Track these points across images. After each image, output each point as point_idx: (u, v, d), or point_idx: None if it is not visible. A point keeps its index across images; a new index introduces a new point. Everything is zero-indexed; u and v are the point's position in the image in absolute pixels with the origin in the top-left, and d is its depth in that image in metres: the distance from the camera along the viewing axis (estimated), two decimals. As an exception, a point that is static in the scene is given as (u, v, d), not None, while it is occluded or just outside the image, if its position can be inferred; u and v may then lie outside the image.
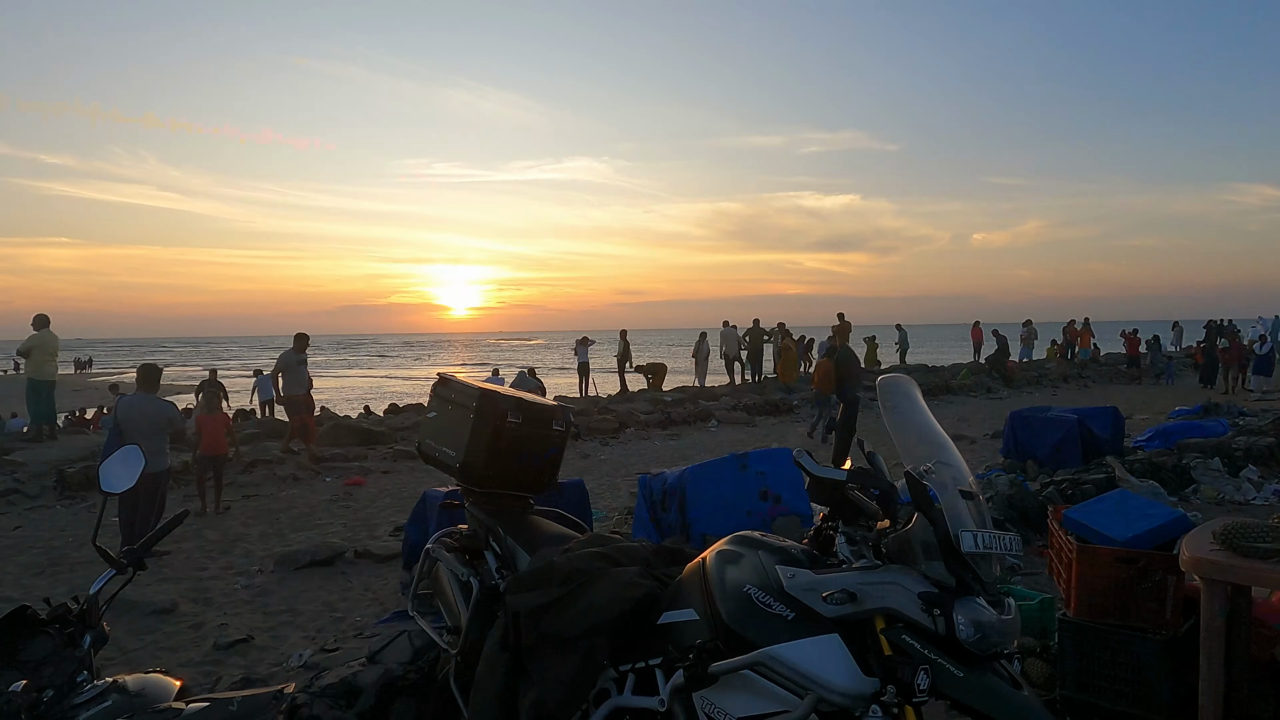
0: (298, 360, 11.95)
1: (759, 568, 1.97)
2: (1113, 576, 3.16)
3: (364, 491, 10.44)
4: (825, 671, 1.72)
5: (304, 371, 11.97)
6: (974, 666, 1.68)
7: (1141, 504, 3.41)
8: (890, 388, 1.96)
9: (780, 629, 1.81)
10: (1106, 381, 24.79)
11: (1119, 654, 3.09)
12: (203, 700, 1.41)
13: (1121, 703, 3.09)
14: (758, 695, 1.80)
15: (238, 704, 1.41)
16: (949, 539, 1.71)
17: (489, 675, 2.38)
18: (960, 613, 1.68)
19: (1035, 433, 9.28)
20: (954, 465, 1.88)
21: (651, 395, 18.66)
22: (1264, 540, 2.70)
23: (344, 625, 5.59)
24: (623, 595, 2.24)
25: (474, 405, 2.90)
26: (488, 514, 2.84)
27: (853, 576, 1.79)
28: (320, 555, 7.01)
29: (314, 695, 3.88)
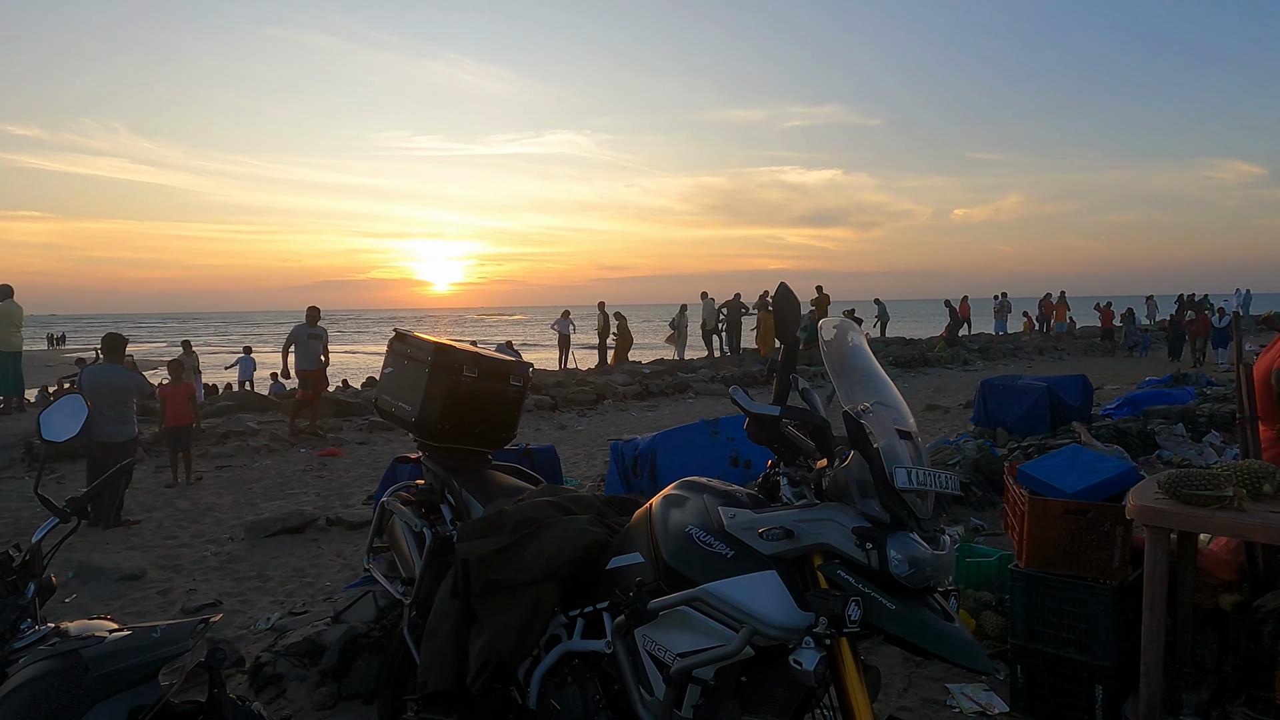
0: (309, 334, 11.56)
1: (702, 510, 1.99)
2: (1063, 528, 3.21)
3: (338, 462, 10.42)
4: (761, 606, 1.74)
5: (316, 346, 11.55)
6: (906, 599, 1.71)
7: (1092, 458, 3.47)
8: (831, 331, 1.98)
9: (719, 566, 1.83)
10: (1080, 354, 25.10)
11: (1067, 603, 3.16)
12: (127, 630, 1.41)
13: (1069, 650, 3.16)
14: (696, 630, 1.82)
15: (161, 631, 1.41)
16: (884, 476, 1.73)
17: (440, 622, 2.39)
18: (893, 547, 1.70)
19: (1005, 401, 9.38)
20: (893, 406, 1.89)
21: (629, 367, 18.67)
22: (1205, 488, 2.75)
23: (313, 590, 5.60)
24: (572, 542, 2.25)
25: (429, 359, 2.90)
26: (443, 468, 2.84)
27: (790, 514, 1.81)
28: (291, 522, 7.00)
29: (278, 654, 3.90)
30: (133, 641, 1.38)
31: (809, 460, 1.89)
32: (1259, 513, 2.68)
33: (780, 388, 1.84)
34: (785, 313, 1.83)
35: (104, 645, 1.38)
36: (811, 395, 1.85)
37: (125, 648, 1.37)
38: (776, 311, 1.83)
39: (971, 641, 1.71)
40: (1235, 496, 2.72)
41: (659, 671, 1.88)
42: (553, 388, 15.20)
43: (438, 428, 2.89)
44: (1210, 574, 3.36)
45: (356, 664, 3.66)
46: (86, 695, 1.26)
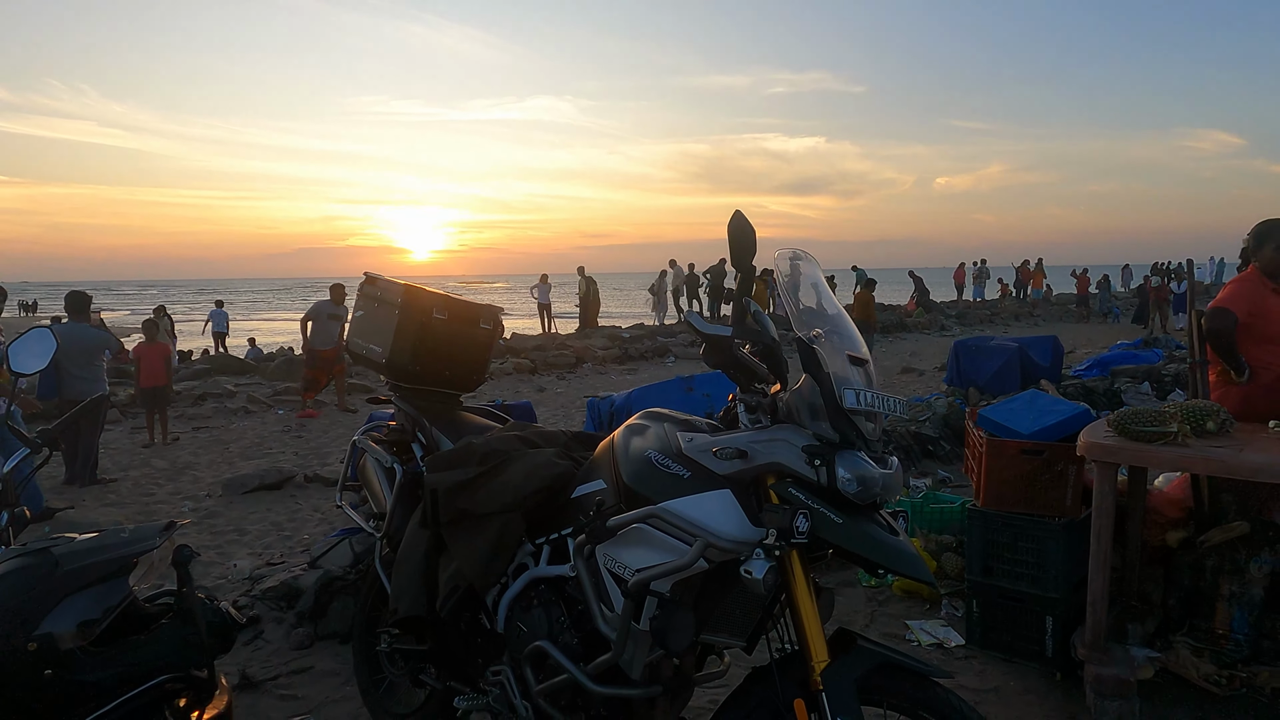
0: (330, 313, 10.80)
1: (661, 436, 2.05)
2: (1019, 468, 3.32)
3: (316, 423, 10.42)
4: (715, 521, 1.81)
5: (334, 327, 10.70)
6: (854, 515, 1.78)
7: (1049, 401, 3.58)
8: (787, 261, 2.03)
9: (675, 486, 1.90)
10: (1056, 320, 25.43)
11: (1021, 539, 3.28)
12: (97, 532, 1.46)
13: (1022, 584, 3.28)
14: (653, 547, 1.89)
15: (130, 531, 1.46)
16: (834, 398, 1.79)
17: (410, 552, 2.45)
18: (841, 465, 1.76)
19: (977, 361, 9.55)
20: (846, 335, 1.95)
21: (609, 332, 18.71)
22: (1151, 425, 2.86)
23: (291, 543, 5.65)
24: (539, 473, 2.31)
25: (399, 301, 2.92)
26: (415, 408, 2.88)
27: (744, 435, 1.87)
28: (269, 479, 7.04)
29: (255, 598, 3.97)
30: (102, 540, 1.43)
31: (764, 386, 1.95)
32: (1201, 448, 2.79)
33: (736, 312, 1.90)
34: (740, 241, 1.88)
35: (74, 544, 1.43)
36: (763, 318, 1.91)
37: (95, 545, 1.42)
38: (731, 240, 1.87)
39: (914, 553, 1.79)
40: (1179, 433, 2.83)
41: (618, 588, 1.95)
42: (532, 351, 15.22)
43: (408, 369, 2.92)
44: (1159, 513, 3.49)
45: (333, 606, 3.74)
46: (57, 588, 1.31)
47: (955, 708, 1.79)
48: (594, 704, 2.14)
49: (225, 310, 20.49)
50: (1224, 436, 2.92)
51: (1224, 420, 2.95)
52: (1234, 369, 3.29)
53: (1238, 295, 3.35)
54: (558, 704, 2.13)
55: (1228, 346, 3.31)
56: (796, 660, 1.84)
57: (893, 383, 12.62)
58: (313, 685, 3.29)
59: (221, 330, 19.91)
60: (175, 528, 1.50)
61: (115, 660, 1.35)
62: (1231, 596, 3.22)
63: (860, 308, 15.06)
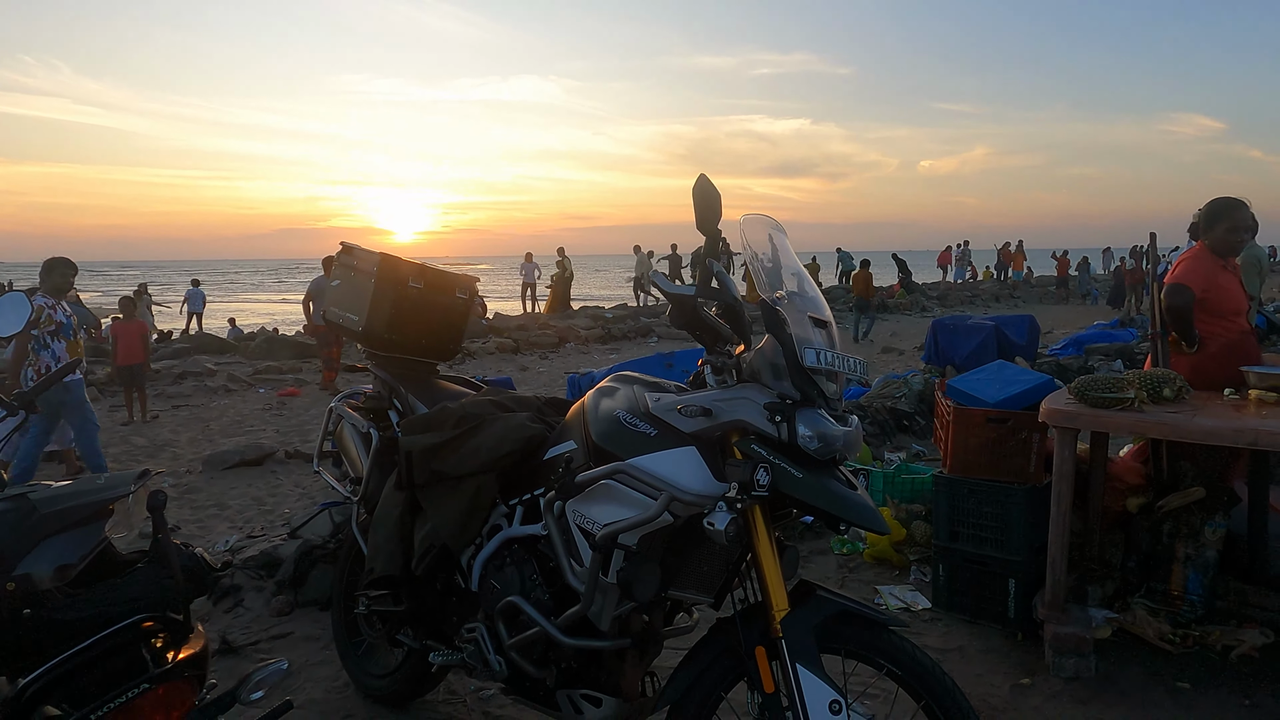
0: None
1: (630, 397, 2.10)
2: (984, 435, 3.41)
3: (298, 401, 10.41)
4: (680, 476, 1.87)
5: None
6: (814, 470, 1.84)
7: (1015, 371, 3.66)
8: (752, 224, 2.07)
9: (642, 443, 1.95)
10: (1036, 301, 25.68)
11: (986, 504, 3.37)
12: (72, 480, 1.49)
13: (987, 548, 3.38)
14: (620, 503, 1.94)
15: (105, 479, 1.50)
16: (795, 356, 1.85)
17: (386, 513, 2.50)
18: (802, 422, 1.82)
19: (954, 339, 9.65)
20: (809, 296, 2.01)
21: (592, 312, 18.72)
22: (1109, 391, 2.94)
23: (272, 518, 5.68)
24: (512, 436, 2.36)
25: (375, 270, 2.95)
26: (391, 375, 2.92)
27: (709, 394, 1.93)
28: (250, 455, 7.05)
29: (235, 568, 4.01)
30: (78, 487, 1.47)
31: (729, 347, 2.01)
32: (1156, 413, 2.88)
33: (702, 275, 1.94)
34: (705, 204, 1.92)
35: (51, 490, 1.46)
36: (726, 279, 1.95)
37: (71, 491, 1.45)
38: (696, 204, 1.92)
39: (872, 507, 1.86)
40: (1136, 399, 2.92)
41: (587, 543, 2.01)
42: (514, 331, 15.23)
43: (384, 337, 2.96)
44: (1120, 480, 3.60)
45: (312, 574, 3.78)
46: (34, 531, 1.35)
47: (910, 654, 1.87)
48: (565, 656, 2.20)
49: (202, 290, 20.49)
50: (1179, 403, 3.01)
51: (1180, 387, 3.04)
52: (1186, 341, 3.39)
53: (1193, 272, 3.44)
54: (530, 657, 2.19)
55: (1185, 321, 3.41)
56: (758, 610, 1.91)
57: (873, 361, 12.74)
58: (292, 650, 3.34)
59: (197, 310, 19.87)
60: (149, 475, 1.54)
61: (92, 601, 1.39)
62: (1187, 559, 3.32)
63: (860, 286, 16.20)
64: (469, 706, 2.89)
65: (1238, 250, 3.64)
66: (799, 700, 1.76)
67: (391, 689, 2.85)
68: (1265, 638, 3.15)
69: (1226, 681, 2.93)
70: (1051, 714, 2.78)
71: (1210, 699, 2.83)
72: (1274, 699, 2.80)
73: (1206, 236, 3.54)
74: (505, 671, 2.27)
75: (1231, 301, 3.49)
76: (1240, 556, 3.31)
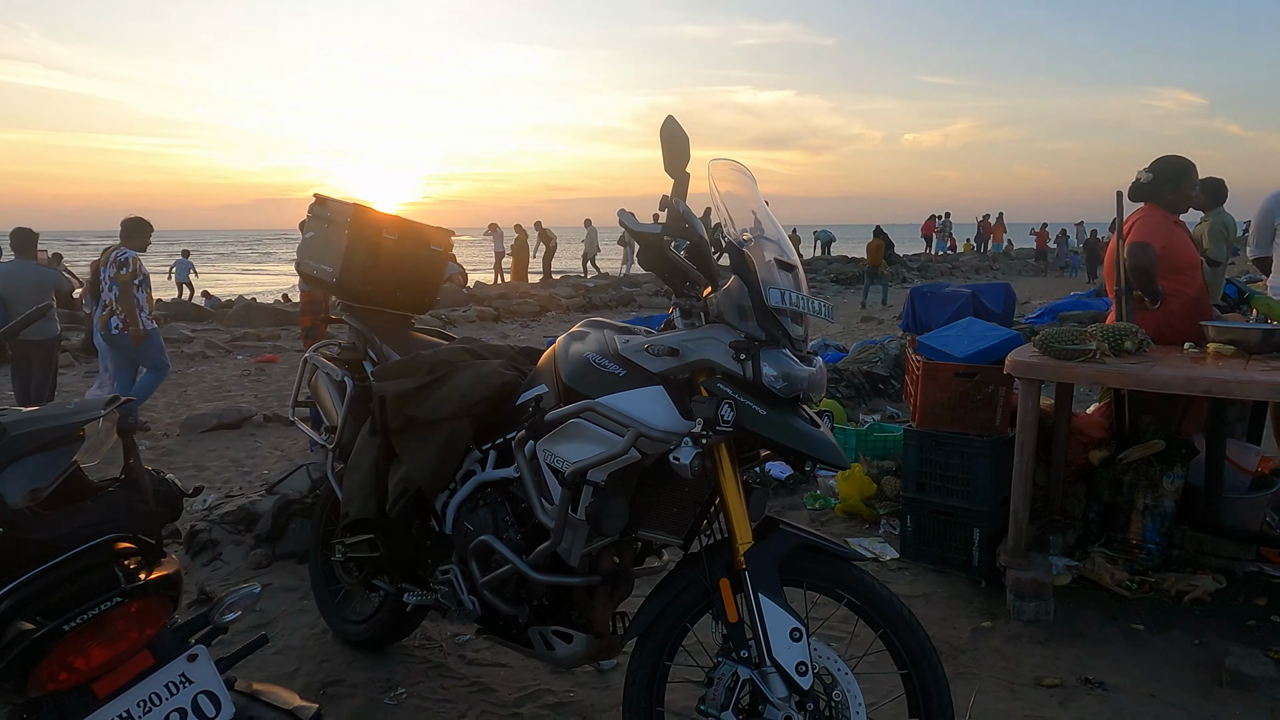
0: None
1: (601, 340, 2.13)
2: (952, 390, 3.47)
3: (276, 368, 10.36)
4: (646, 414, 1.91)
5: None
6: (778, 407, 1.89)
7: (984, 328, 3.73)
8: (720, 168, 2.09)
9: (611, 383, 1.99)
10: (1015, 273, 25.88)
11: (953, 456, 3.44)
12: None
13: (953, 499, 3.46)
14: (589, 441, 1.98)
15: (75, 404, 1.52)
16: (760, 297, 1.89)
17: (361, 458, 2.53)
18: (766, 360, 1.86)
19: (931, 307, 9.74)
20: (776, 240, 2.04)
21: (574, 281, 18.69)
22: (1072, 344, 3.01)
23: (250, 479, 5.68)
24: (485, 382, 2.39)
25: (348, 221, 2.95)
26: (366, 325, 2.93)
27: (676, 334, 1.96)
28: (228, 418, 7.03)
29: (213, 523, 4.03)
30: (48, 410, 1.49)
31: (697, 289, 2.04)
32: (1117, 364, 2.96)
33: (671, 215, 1.96)
34: (673, 147, 1.94)
35: (20, 414, 1.48)
36: (693, 218, 1.98)
37: (41, 414, 1.47)
38: (664, 146, 1.93)
39: (834, 443, 1.90)
40: (1098, 351, 2.99)
41: (557, 481, 2.05)
42: (495, 299, 15.18)
43: (359, 289, 2.96)
44: (1083, 433, 3.68)
45: (290, 527, 3.81)
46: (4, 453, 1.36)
47: (869, 586, 1.93)
48: (536, 594, 2.25)
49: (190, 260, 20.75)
50: (1140, 355, 3.08)
51: (1141, 340, 3.12)
52: (1150, 298, 3.46)
53: (1152, 231, 3.51)
54: (502, 595, 2.24)
55: (1150, 278, 3.48)
56: (724, 545, 1.96)
57: (853, 329, 12.85)
58: (271, 600, 3.38)
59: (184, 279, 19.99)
60: (119, 402, 1.56)
61: (64, 522, 1.41)
62: (1145, 509, 3.43)
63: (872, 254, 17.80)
64: (445, 651, 2.95)
65: (1187, 208, 3.73)
66: (761, 628, 1.82)
67: (369, 634, 2.90)
68: (1217, 583, 3.26)
69: (1179, 624, 3.04)
70: (1010, 654, 2.87)
71: (1162, 640, 2.94)
72: (1222, 639, 2.91)
73: (1167, 195, 3.60)
74: (478, 611, 2.32)
75: (1187, 255, 3.57)
76: (1196, 507, 3.41)
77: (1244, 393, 2.70)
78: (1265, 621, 3.05)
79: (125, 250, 6.68)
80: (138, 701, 1.34)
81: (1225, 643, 2.86)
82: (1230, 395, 2.74)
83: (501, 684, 2.72)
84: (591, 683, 2.73)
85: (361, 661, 2.87)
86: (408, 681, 2.74)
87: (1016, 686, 2.67)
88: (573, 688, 2.70)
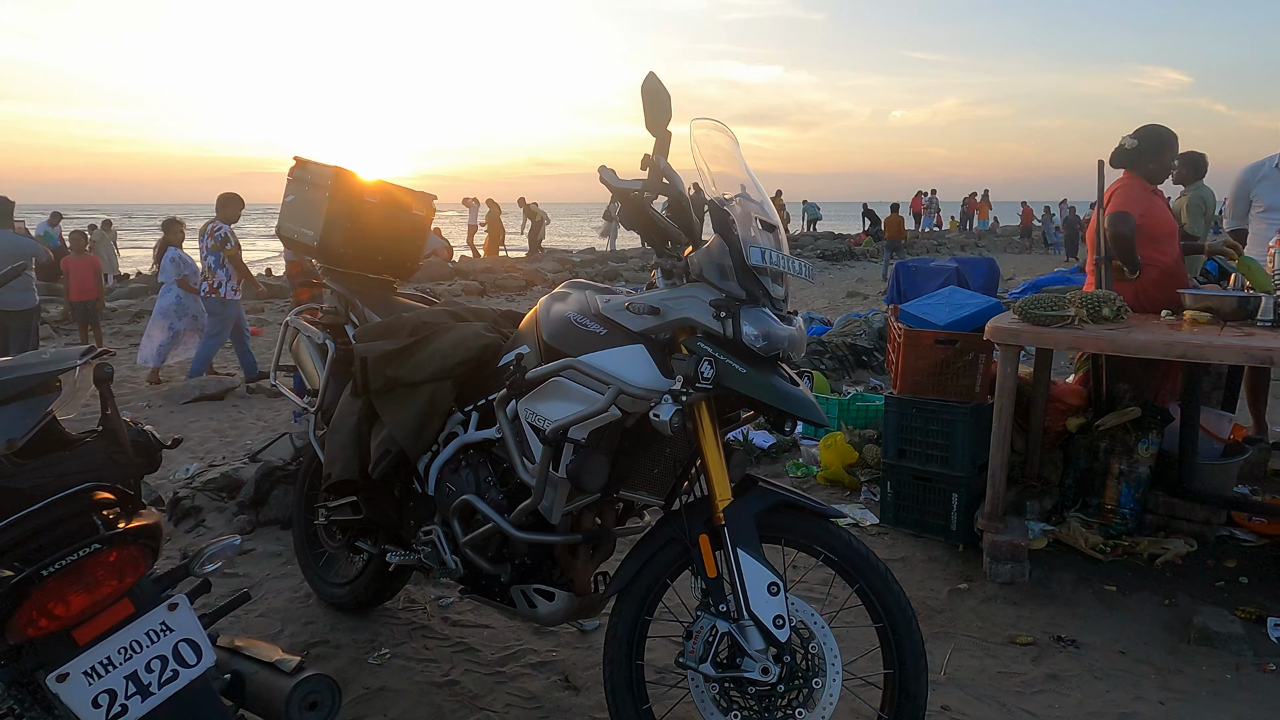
0: None
1: (582, 301, 2.13)
2: (933, 357, 3.50)
3: (258, 341, 10.26)
4: (627, 372, 1.91)
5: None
6: (758, 365, 1.90)
7: (965, 296, 3.76)
8: (703, 128, 2.09)
9: (592, 342, 1.99)
10: (1000, 250, 25.98)
11: (933, 422, 3.48)
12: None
13: (932, 464, 3.50)
14: (569, 398, 1.99)
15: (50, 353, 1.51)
16: (741, 256, 1.89)
17: (343, 420, 2.53)
18: (746, 319, 1.87)
19: (916, 281, 9.75)
20: (758, 201, 2.04)
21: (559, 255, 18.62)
22: (1050, 310, 3.04)
23: (234, 448, 5.66)
24: (466, 343, 2.38)
25: (329, 184, 2.92)
26: (347, 289, 2.92)
27: (657, 293, 1.97)
28: (210, 389, 6.99)
29: (196, 489, 4.02)
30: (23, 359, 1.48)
31: (678, 248, 2.04)
32: (1094, 330, 2.99)
33: (652, 172, 1.96)
34: (654, 104, 1.93)
35: (-6, 360, 1.47)
36: (673, 174, 1.97)
37: (16, 364, 1.46)
38: (646, 103, 1.93)
39: (813, 401, 1.92)
40: (1076, 317, 3.02)
41: (538, 439, 2.06)
42: (480, 274, 15.12)
43: (340, 253, 2.94)
44: (1062, 401, 3.73)
45: (273, 494, 3.81)
46: None
47: (846, 542, 1.96)
48: (518, 553, 2.27)
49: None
50: (1118, 322, 3.12)
51: (1119, 307, 3.15)
52: (1129, 266, 3.49)
53: (1131, 200, 3.54)
54: (485, 554, 2.26)
55: (1129, 246, 3.51)
56: (704, 503, 1.98)
57: (838, 305, 12.89)
58: (255, 565, 3.39)
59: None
60: (94, 352, 1.55)
61: (42, 471, 1.41)
62: (1121, 475, 3.48)
63: (893, 228, 18.87)
64: (429, 613, 2.97)
65: (1165, 179, 3.76)
66: (739, 583, 1.85)
67: (352, 596, 2.91)
68: (1189, 546, 3.33)
69: (1150, 585, 3.10)
70: (986, 614, 2.93)
71: (1133, 600, 3.00)
72: (1192, 599, 2.98)
73: (1149, 163, 3.62)
74: (461, 570, 2.33)
75: (1165, 225, 3.60)
76: (1170, 473, 3.47)
77: (1217, 356, 2.74)
78: (1234, 583, 3.12)
79: (219, 224, 7.50)
80: (118, 648, 1.35)
81: (1194, 603, 2.93)
82: (1204, 359, 2.78)
83: (484, 644, 2.75)
84: (574, 643, 2.76)
85: (345, 623, 2.89)
86: (391, 642, 2.76)
87: (991, 644, 2.73)
88: (555, 648, 2.73)
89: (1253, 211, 4.52)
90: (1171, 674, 2.54)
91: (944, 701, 2.39)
